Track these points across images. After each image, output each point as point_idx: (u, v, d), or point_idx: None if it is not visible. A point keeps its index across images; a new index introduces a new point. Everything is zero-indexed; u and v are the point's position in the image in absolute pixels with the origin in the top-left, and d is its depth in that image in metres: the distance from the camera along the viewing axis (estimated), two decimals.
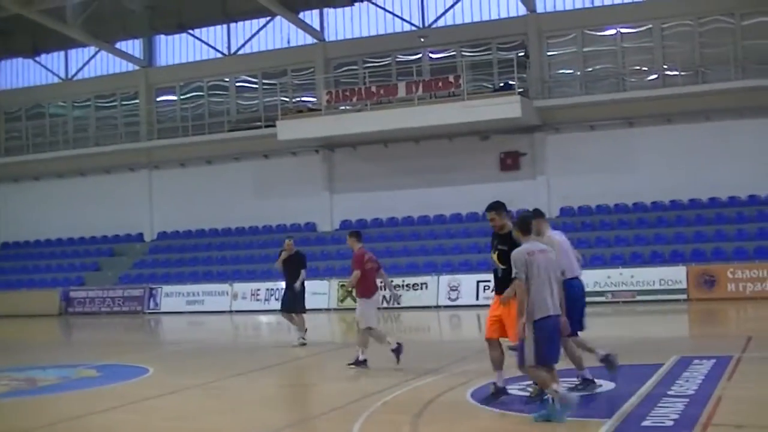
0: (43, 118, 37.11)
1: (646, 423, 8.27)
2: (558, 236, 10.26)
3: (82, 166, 34.94)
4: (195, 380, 13.21)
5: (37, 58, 36.65)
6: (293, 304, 17.02)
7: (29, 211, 35.78)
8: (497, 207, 9.70)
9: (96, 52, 35.46)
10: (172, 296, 29.57)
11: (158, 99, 35.00)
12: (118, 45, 34.56)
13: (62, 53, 36.41)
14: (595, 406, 9.35)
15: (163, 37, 34.91)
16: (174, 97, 34.61)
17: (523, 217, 9.06)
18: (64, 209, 35.17)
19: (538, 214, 10.28)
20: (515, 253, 8.68)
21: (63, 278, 32.68)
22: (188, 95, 34.35)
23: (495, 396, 9.69)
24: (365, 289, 13.44)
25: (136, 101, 35.09)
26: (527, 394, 9.83)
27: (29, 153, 36.37)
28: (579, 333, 10.03)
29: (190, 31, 34.11)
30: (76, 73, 36.53)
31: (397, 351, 12.97)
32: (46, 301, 30.96)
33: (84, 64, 36.19)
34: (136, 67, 34.90)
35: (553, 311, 8.56)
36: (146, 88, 34.67)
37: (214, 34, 33.97)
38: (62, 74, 36.75)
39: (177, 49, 34.74)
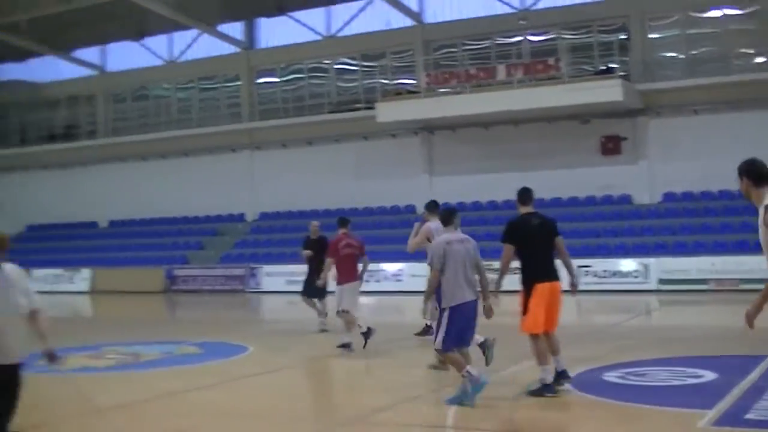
0: (148, 99, 39.01)
1: (749, 416, 8.15)
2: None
3: (186, 147, 36.67)
4: (293, 359, 13.91)
5: (142, 42, 38.45)
6: (315, 289, 16.85)
7: (135, 190, 37.81)
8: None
9: (198, 35, 37.03)
10: (272, 276, 30.85)
11: (259, 81, 36.47)
12: (219, 28, 36.07)
13: (166, 36, 38.18)
14: (696, 396, 9.25)
15: (263, 19, 36.31)
16: (275, 79, 36.02)
17: (444, 209, 10.16)
18: (168, 189, 36.97)
19: (432, 206, 12.19)
20: (433, 244, 9.81)
21: (167, 256, 34.32)
22: (289, 77, 35.75)
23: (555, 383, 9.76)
24: (339, 275, 14.03)
25: (238, 83, 36.64)
26: (625, 382, 10.19)
27: (135, 134, 38.28)
28: None
29: (290, 14, 35.31)
30: (179, 56, 38.28)
31: (366, 335, 13.56)
32: (151, 278, 32.68)
33: (187, 47, 37.92)
34: (238, 50, 36.43)
35: (470, 297, 9.38)
36: (247, 70, 36.16)
37: (314, 16, 35.07)
38: (166, 57, 38.51)
39: (277, 31, 35.98)
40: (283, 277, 30.56)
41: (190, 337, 16.84)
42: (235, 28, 36.52)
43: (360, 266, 14.47)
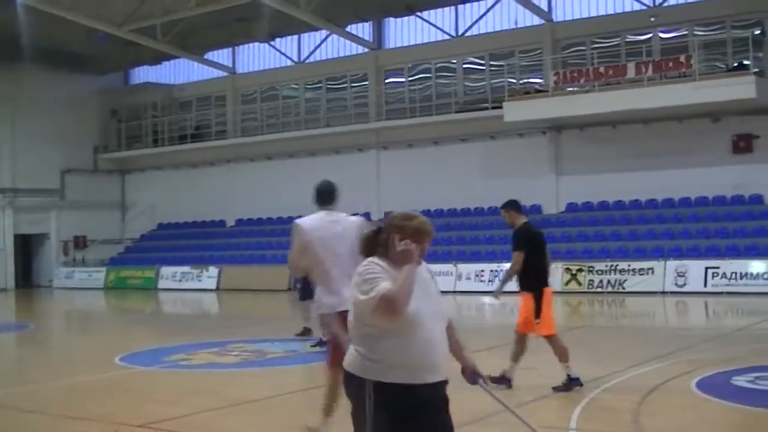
0: (277, 99, 41.11)
1: None
2: None
3: (313, 147, 38.58)
4: None
5: (272, 43, 40.57)
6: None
7: (262, 189, 39.94)
8: (506, 205, 11.53)
9: (327, 36, 38.97)
10: None
11: (387, 81, 38.11)
12: (348, 28, 37.79)
13: (295, 37, 40.28)
14: None
15: (392, 19, 37.93)
16: (402, 79, 37.62)
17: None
18: (295, 188, 38.53)
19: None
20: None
21: None
22: (416, 77, 37.23)
23: (565, 387, 10.67)
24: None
25: (366, 83, 38.37)
26: (756, 386, 10.50)
27: (263, 133, 40.48)
28: None
29: (419, 14, 36.79)
30: (308, 57, 40.35)
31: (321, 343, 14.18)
32: (277, 276, 34.15)
33: (316, 48, 39.92)
34: (366, 50, 38.17)
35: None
36: (375, 70, 37.86)
37: (442, 16, 36.54)
38: (295, 58, 40.62)
39: (405, 31, 37.65)
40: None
41: (316, 335, 17.25)
42: (363, 29, 38.29)
43: None
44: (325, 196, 8.96)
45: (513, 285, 11.19)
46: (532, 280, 10.85)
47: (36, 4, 33.77)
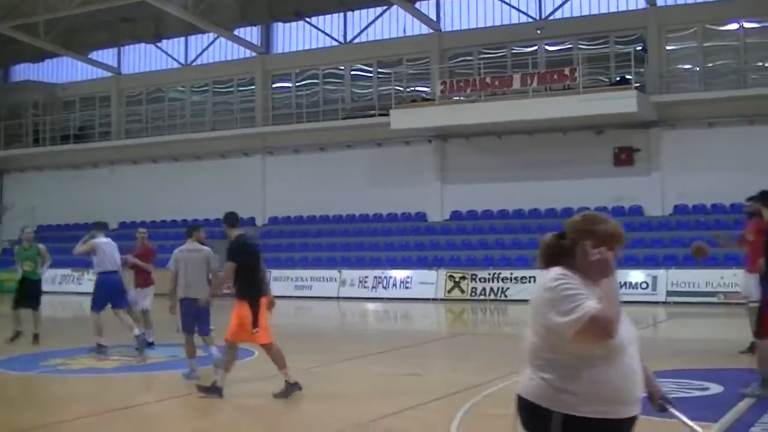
0: (163, 101, 39.73)
1: (754, 429, 8.34)
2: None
3: (199, 150, 37.36)
4: (298, 364, 13.48)
5: (158, 44, 39.22)
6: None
7: (146, 191, 38.44)
8: (224, 219, 11.58)
9: (215, 39, 37.80)
10: (281, 280, 31.25)
11: (274, 86, 37.14)
12: (236, 32, 36.79)
13: (183, 39, 38.96)
14: (702, 409, 9.06)
15: (280, 24, 37.03)
16: (290, 84, 36.70)
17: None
18: (179, 192, 37.59)
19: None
20: (175, 252, 12.75)
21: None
22: (304, 82, 36.38)
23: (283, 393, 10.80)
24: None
25: (253, 87, 37.33)
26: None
27: (148, 136, 39.05)
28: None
29: (307, 19, 36.00)
30: (195, 59, 39.06)
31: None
32: (161, 279, 33.07)
33: (203, 50, 38.68)
34: (254, 54, 37.12)
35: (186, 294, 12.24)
36: (263, 75, 36.87)
37: (331, 22, 35.80)
38: (182, 60, 39.28)
39: (294, 36, 36.74)
40: (292, 282, 31.29)
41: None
42: (251, 33, 37.22)
43: None
44: None
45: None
46: (247, 289, 10.90)
47: None
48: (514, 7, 32.64)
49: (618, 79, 29.56)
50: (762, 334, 10.28)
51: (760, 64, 29.21)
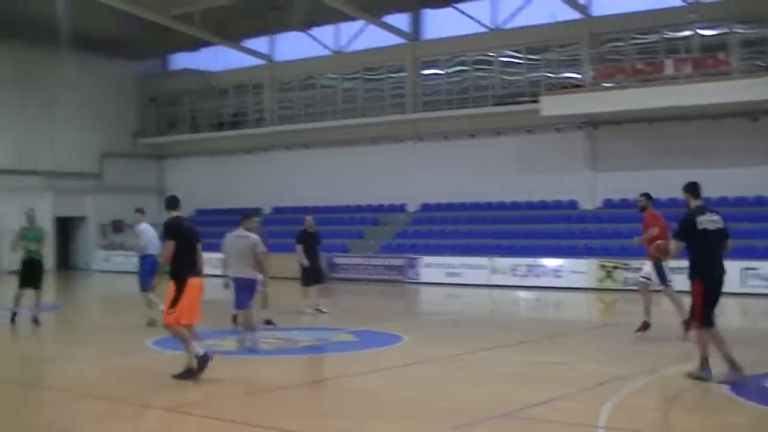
0: (315, 89, 41.70)
1: None
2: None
3: (350, 136, 39.28)
4: (447, 351, 14.78)
5: (309, 32, 41.11)
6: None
7: (299, 178, 40.67)
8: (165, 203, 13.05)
9: (365, 26, 39.42)
10: (431, 267, 32.81)
11: (424, 72, 38.55)
12: (386, 19, 38.32)
13: (333, 27, 40.75)
14: None
15: (429, 11, 38.37)
16: (439, 71, 38.03)
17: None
18: (331, 177, 39.58)
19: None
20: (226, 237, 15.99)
21: (328, 245, 36.72)
22: (453, 69, 37.67)
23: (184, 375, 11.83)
24: None
25: (403, 74, 38.85)
26: None
27: (300, 122, 41.13)
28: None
29: (456, 6, 37.18)
30: (345, 46, 40.79)
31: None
32: None
33: (353, 38, 40.35)
34: (403, 41, 38.62)
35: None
36: (412, 62, 38.38)
37: (480, 8, 36.84)
38: (333, 47, 41.08)
39: (443, 23, 37.94)
40: (443, 269, 32.50)
41: (346, 325, 18.54)
42: (401, 20, 38.77)
43: None
44: None
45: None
46: (179, 269, 11.94)
47: None
48: None
49: None
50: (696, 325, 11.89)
51: None
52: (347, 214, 39.51)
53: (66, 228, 44.27)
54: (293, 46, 42.27)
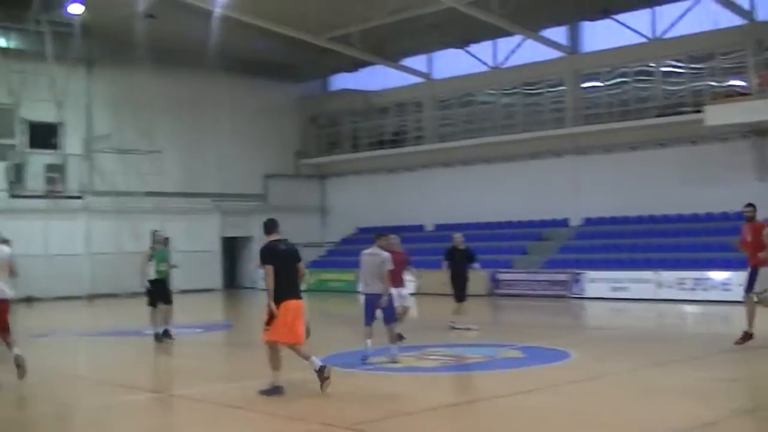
0: (473, 105, 42.33)
1: None
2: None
3: (510, 152, 39.76)
4: (616, 367, 14.89)
5: (467, 49, 41.75)
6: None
7: (459, 194, 41.38)
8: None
9: (522, 41, 39.80)
10: (596, 282, 32.88)
11: (583, 85, 38.67)
12: (544, 33, 38.66)
13: (491, 43, 41.32)
14: None
15: (587, 23, 38.48)
16: (599, 84, 38.10)
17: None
18: (492, 193, 40.09)
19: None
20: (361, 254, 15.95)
21: (492, 260, 37.24)
22: (613, 81, 37.67)
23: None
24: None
25: (562, 88, 39.09)
26: None
27: (460, 139, 41.83)
28: None
29: (615, 17, 37.12)
30: (503, 62, 41.24)
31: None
32: (475, 282, 35.00)
33: (511, 53, 40.78)
34: (562, 54, 38.85)
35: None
36: (571, 75, 38.57)
37: (639, 18, 36.77)
38: (490, 63, 41.61)
39: (601, 35, 37.99)
40: (608, 283, 32.50)
41: (513, 340, 18.74)
42: (559, 33, 39.04)
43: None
44: None
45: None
46: (275, 292, 12.45)
47: (236, 15, 36.09)
48: None
49: None
50: None
51: None
52: (509, 230, 39.93)
53: (232, 248, 46.16)
54: (451, 63, 43.08)
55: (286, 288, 12.53)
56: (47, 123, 36.82)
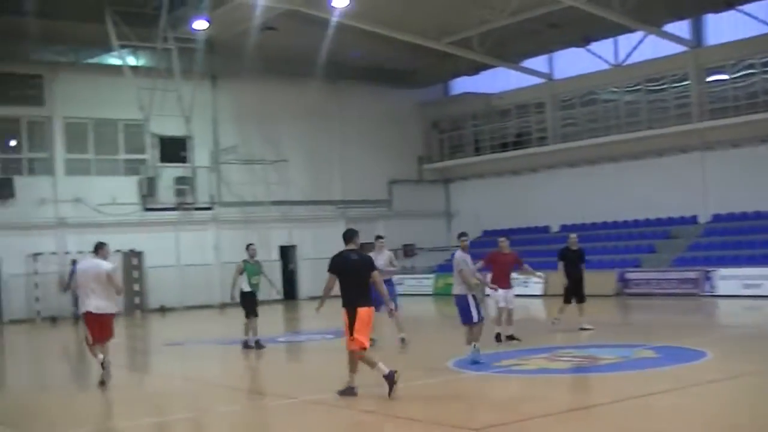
0: (596, 104, 42.12)
1: None
2: None
3: (635, 150, 39.48)
4: (753, 366, 14.66)
5: (588, 47, 41.54)
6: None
7: (585, 195, 41.32)
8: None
9: (644, 37, 39.43)
10: (728, 279, 32.34)
11: (708, 79, 38.11)
12: (666, 28, 38.16)
13: (611, 40, 41.04)
14: None
15: (711, 15, 37.85)
16: (725, 77, 37.48)
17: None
18: (618, 192, 39.90)
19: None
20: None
21: (619, 260, 37.06)
22: (740, 73, 37.04)
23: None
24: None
25: (686, 82, 38.61)
26: None
27: (583, 139, 41.68)
28: None
29: (739, 8, 36.44)
30: (625, 59, 40.94)
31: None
32: (603, 282, 34.70)
33: (633, 49, 40.42)
34: (685, 49, 38.34)
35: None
36: (696, 69, 38.06)
37: (764, 8, 35.96)
38: (612, 61, 41.36)
39: (726, 27, 37.40)
40: (740, 280, 31.98)
41: (645, 341, 18.53)
42: (681, 27, 38.51)
43: None
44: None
45: None
46: (344, 299, 13.25)
47: (356, 24, 36.74)
48: None
49: None
50: None
51: None
52: (636, 229, 39.63)
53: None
54: (572, 62, 42.96)
55: (354, 296, 13.19)
56: (176, 137, 38.04)
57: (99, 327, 15.05)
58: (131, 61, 38.21)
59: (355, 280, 13.20)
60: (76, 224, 37.72)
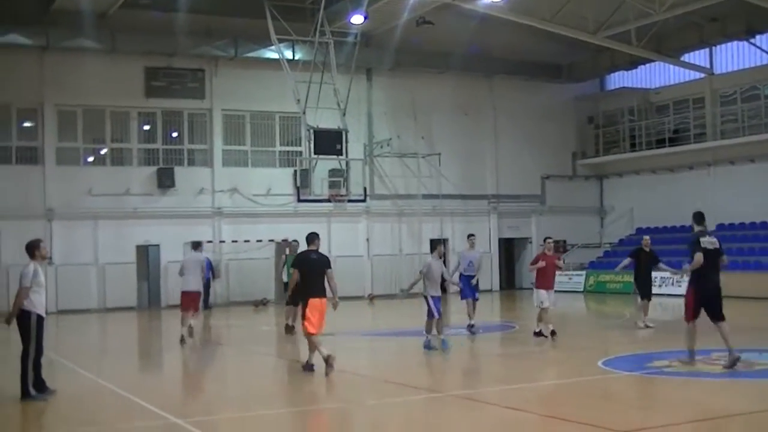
0: (759, 99, 41.43)
1: None
2: None
3: None
4: None
5: (751, 40, 40.85)
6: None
7: (743, 192, 40.86)
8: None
9: None
10: None
11: None
12: None
13: None
14: None
15: None
16: None
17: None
18: None
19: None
20: None
21: None
22: None
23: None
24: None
25: None
26: None
27: (745, 135, 41.11)
28: None
29: None
30: None
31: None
32: (761, 283, 34.74)
33: None
34: None
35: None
36: None
37: None
38: None
39: None
40: None
41: None
42: None
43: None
44: None
45: None
46: (301, 292, 16.61)
47: (511, 17, 37.18)
48: None
49: None
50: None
51: None
52: None
53: (509, 249, 47.30)
54: (734, 56, 42.40)
55: (313, 289, 16.14)
56: (331, 130, 39.13)
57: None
58: (288, 54, 39.52)
59: (313, 275, 16.24)
60: (232, 213, 39.43)
